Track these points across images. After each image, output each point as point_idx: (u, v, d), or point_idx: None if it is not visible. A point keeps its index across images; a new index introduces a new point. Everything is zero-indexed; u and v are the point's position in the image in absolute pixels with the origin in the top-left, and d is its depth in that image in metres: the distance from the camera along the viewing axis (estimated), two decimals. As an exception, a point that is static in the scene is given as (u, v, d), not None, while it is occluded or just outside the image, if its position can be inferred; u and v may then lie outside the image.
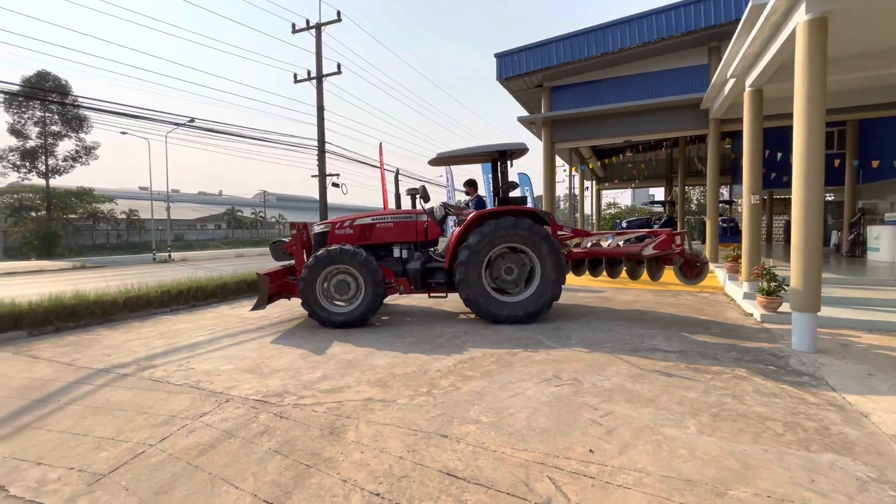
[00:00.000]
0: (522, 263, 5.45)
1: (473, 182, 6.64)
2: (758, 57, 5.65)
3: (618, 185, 21.78)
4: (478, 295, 5.36)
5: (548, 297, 5.38)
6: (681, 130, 10.31)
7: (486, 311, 5.37)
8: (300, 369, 3.94)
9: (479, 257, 5.35)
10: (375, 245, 5.91)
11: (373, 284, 5.35)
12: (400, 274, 5.79)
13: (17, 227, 31.77)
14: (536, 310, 5.38)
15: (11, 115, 32.22)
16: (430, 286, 5.77)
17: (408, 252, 5.95)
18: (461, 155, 6.08)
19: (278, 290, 5.84)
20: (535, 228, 5.38)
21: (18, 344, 5.06)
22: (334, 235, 5.86)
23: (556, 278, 5.38)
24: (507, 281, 5.46)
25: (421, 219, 5.96)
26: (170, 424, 2.99)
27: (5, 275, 16.82)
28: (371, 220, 5.95)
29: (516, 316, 5.36)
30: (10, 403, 3.49)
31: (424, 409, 3.02)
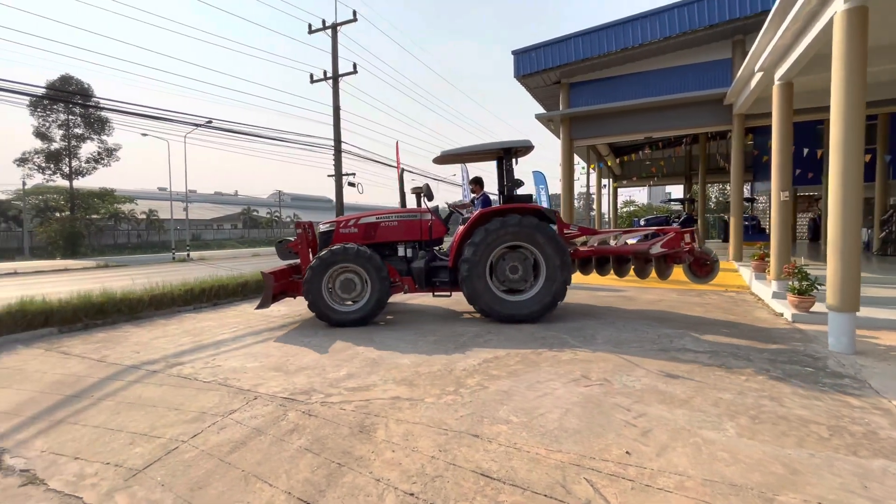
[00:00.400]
0: (527, 262, 5.40)
1: (480, 180, 6.57)
2: (789, 49, 5.49)
3: (636, 183, 21.45)
4: (482, 294, 5.31)
5: (553, 295, 5.31)
6: (703, 126, 10.09)
7: (491, 309, 5.32)
8: (325, 367, 3.94)
9: (484, 256, 5.31)
10: (380, 244, 5.90)
11: (379, 283, 5.35)
12: (404, 273, 5.76)
13: (42, 228, 32.68)
14: (541, 308, 5.32)
15: (37, 119, 33.15)
16: (434, 285, 5.74)
17: (412, 251, 5.94)
18: (466, 153, 6.05)
19: (283, 288, 5.84)
20: (540, 226, 5.32)
21: (50, 340, 5.17)
22: (339, 234, 5.86)
23: (562, 277, 5.32)
24: (511, 279, 5.40)
25: (425, 217, 5.94)
26: (200, 421, 3.01)
27: (34, 273, 17.31)
28: (375, 219, 5.92)
29: (521, 315, 5.30)
30: (46, 399, 3.56)
31: (453, 409, 2.99)
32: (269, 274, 5.44)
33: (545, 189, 22.85)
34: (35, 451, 2.85)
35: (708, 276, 5.79)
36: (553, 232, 5.37)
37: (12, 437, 3.03)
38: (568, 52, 10.35)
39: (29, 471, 2.63)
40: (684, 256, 5.69)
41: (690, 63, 9.92)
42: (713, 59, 9.64)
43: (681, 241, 5.65)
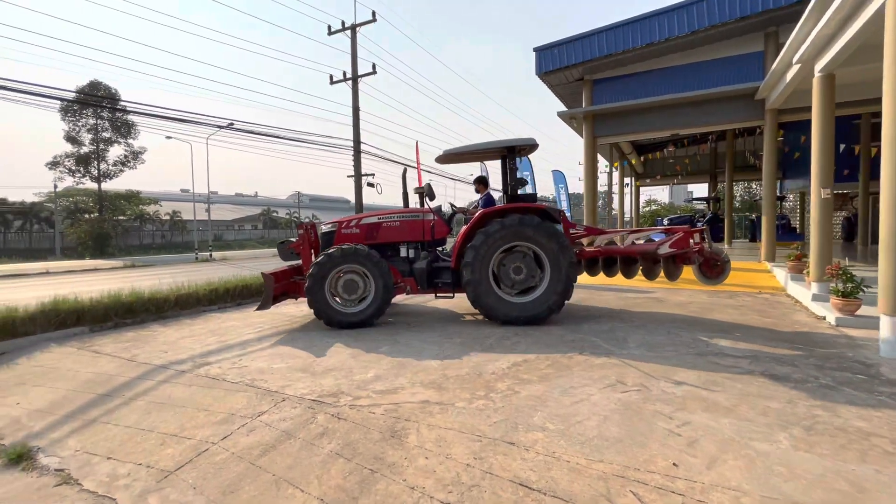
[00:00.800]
0: (532, 263, 5.27)
1: (484, 179, 6.43)
2: (832, 39, 5.22)
3: (659, 182, 20.96)
4: (485, 296, 5.21)
5: (558, 296, 5.18)
6: (732, 123, 9.77)
7: (495, 312, 5.22)
8: (352, 369, 3.90)
9: (486, 257, 5.20)
10: (382, 244, 5.82)
11: (383, 284, 5.27)
12: (406, 274, 5.68)
13: (72, 229, 33.79)
14: (547, 310, 5.20)
15: (67, 123, 34.31)
16: (436, 286, 5.65)
17: (414, 251, 5.84)
18: (468, 152, 5.92)
19: (284, 289, 5.79)
20: (543, 226, 5.18)
21: (82, 339, 5.27)
22: (341, 235, 5.80)
23: (567, 277, 5.18)
24: (515, 281, 5.28)
25: (427, 218, 5.85)
26: (230, 423, 2.98)
27: (65, 273, 17.86)
28: (377, 220, 5.85)
29: (526, 316, 5.18)
30: (79, 398, 3.60)
31: (485, 414, 2.90)
32: (270, 275, 5.38)
33: (565, 188, 22.55)
34: (69, 450, 2.86)
35: (719, 277, 5.61)
36: (556, 231, 5.24)
37: (47, 436, 3.06)
38: (591, 48, 10.14)
39: (63, 470, 2.64)
40: (693, 257, 5.52)
41: (719, 57, 9.60)
42: (743, 52, 9.31)
43: (689, 241, 5.49)
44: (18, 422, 3.31)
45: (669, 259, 5.54)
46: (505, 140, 5.71)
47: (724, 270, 5.56)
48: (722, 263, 5.55)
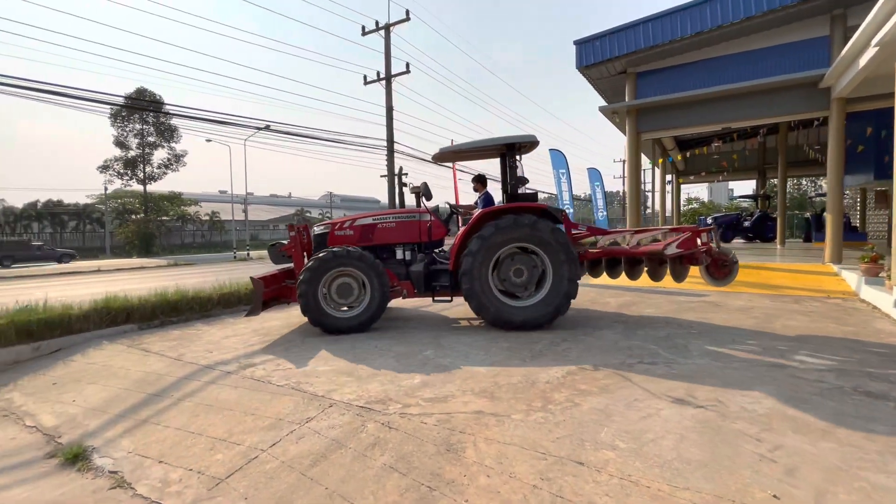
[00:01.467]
0: (533, 265, 5.03)
1: (482, 178, 6.14)
2: (921, 17, 4.69)
3: (704, 179, 19.98)
4: (487, 303, 4.99)
5: (562, 298, 4.95)
6: (792, 114, 9.11)
7: (499, 319, 4.99)
8: (397, 374, 3.76)
9: (485, 263, 4.96)
10: (377, 246, 5.61)
11: (379, 288, 5.08)
12: (403, 277, 5.48)
13: (121, 229, 35.59)
14: (553, 311, 4.97)
15: (116, 129, 36.16)
16: (434, 289, 5.43)
17: (411, 253, 5.63)
18: (466, 150, 5.67)
19: (275, 294, 5.58)
20: (541, 225, 4.92)
21: (131, 337, 5.38)
22: (334, 237, 5.60)
23: (570, 278, 4.92)
24: (517, 283, 5.04)
25: (424, 218, 5.63)
26: (277, 429, 2.90)
27: (115, 271, 18.74)
28: (372, 221, 5.66)
29: (533, 321, 4.96)
30: (131, 396, 3.62)
31: (546, 428, 2.69)
32: (259, 279, 5.17)
33: (601, 186, 21.87)
34: (122, 451, 2.85)
35: (726, 279, 5.34)
36: (555, 230, 4.98)
37: (101, 435, 3.07)
38: (636, 39, 9.68)
39: (117, 472, 2.61)
40: (701, 257, 5.23)
41: (776, 44, 8.95)
42: (805, 37, 8.64)
43: (697, 241, 5.21)
44: (74, 420, 3.35)
45: (676, 259, 5.27)
46: (504, 137, 5.48)
47: (732, 271, 5.31)
48: (730, 264, 5.30)
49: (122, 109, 35.01)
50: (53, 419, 3.39)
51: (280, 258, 5.83)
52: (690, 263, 5.35)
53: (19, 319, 4.84)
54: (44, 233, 40.46)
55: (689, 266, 5.39)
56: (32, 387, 4.08)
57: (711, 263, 5.35)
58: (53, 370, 4.45)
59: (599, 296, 7.28)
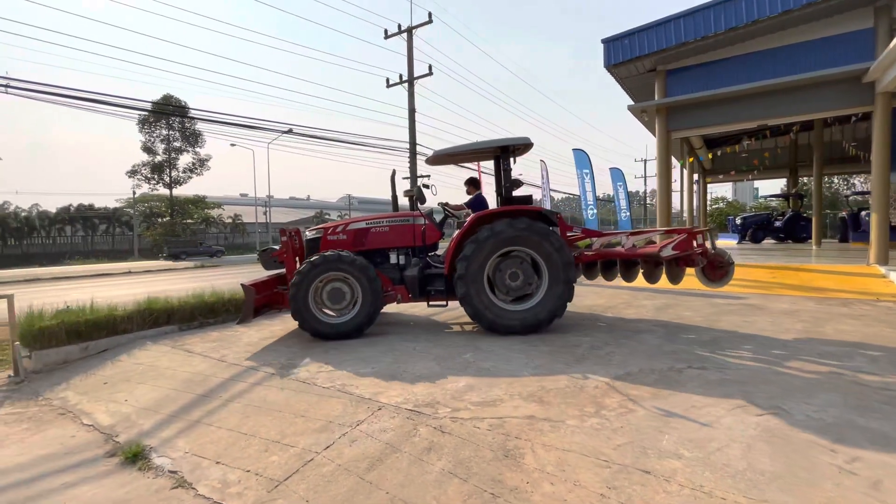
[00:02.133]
0: (528, 267, 4.96)
1: (475, 180, 6.04)
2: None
3: (733, 178, 19.46)
4: (483, 309, 4.92)
5: (558, 300, 4.89)
6: (833, 110, 8.80)
7: (496, 324, 4.91)
8: (441, 377, 3.74)
9: (480, 267, 4.90)
10: (371, 251, 5.53)
11: (371, 293, 4.97)
12: (397, 281, 5.39)
13: (149, 232, 36.63)
14: (548, 316, 4.91)
15: (144, 135, 37.27)
16: (428, 294, 5.34)
17: (405, 258, 5.55)
18: (460, 152, 5.59)
19: (267, 300, 5.48)
20: (535, 228, 4.88)
21: (173, 338, 5.49)
22: (327, 241, 5.52)
23: (566, 280, 4.86)
24: (512, 287, 4.97)
25: (419, 222, 5.55)
26: (329, 431, 2.90)
27: (144, 273, 19.28)
28: (366, 225, 5.58)
29: (528, 325, 4.89)
30: (180, 397, 3.68)
31: (604, 435, 2.62)
32: (250, 286, 5.03)
33: (623, 186, 21.50)
34: (179, 451, 2.89)
35: (722, 280, 5.30)
36: (549, 232, 4.93)
37: (157, 435, 3.13)
38: (666, 36, 9.48)
39: (177, 472, 2.65)
40: (697, 259, 5.20)
41: (815, 38, 8.66)
42: (847, 31, 8.32)
43: (693, 243, 5.14)
44: (129, 419, 3.42)
45: (672, 261, 5.22)
46: (498, 139, 5.43)
47: (728, 273, 5.27)
48: (726, 265, 5.23)
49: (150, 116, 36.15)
50: (109, 418, 3.47)
51: (272, 264, 5.72)
52: (686, 265, 5.33)
53: (69, 320, 4.99)
54: (76, 236, 41.86)
55: (685, 268, 5.37)
56: (85, 386, 4.20)
57: (707, 265, 5.32)
58: (103, 370, 4.57)
59: (634, 298, 7.14)
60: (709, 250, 5.30)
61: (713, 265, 5.29)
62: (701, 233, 5.38)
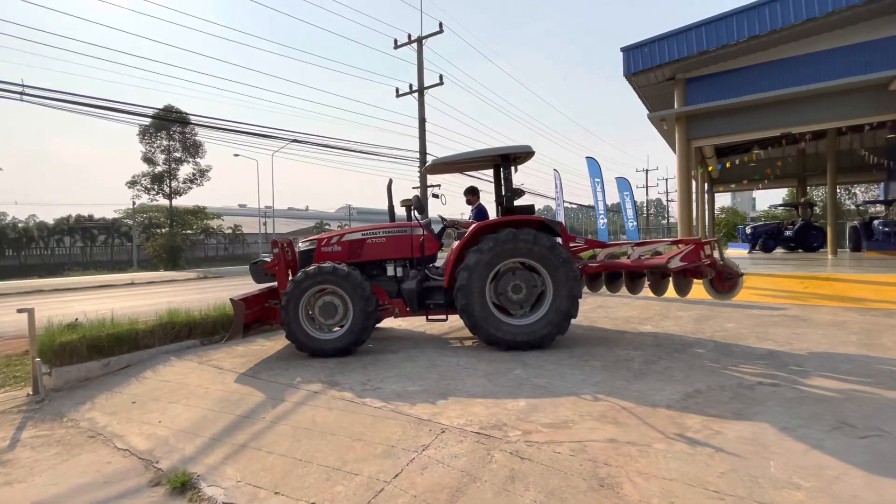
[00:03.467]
0: (532, 282, 4.79)
1: (475, 189, 5.86)
2: None
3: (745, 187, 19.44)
4: (484, 321, 4.70)
5: (563, 315, 4.72)
6: (858, 117, 8.70)
7: (497, 338, 4.70)
8: (496, 395, 3.51)
9: (481, 279, 4.72)
10: (367, 263, 5.31)
11: (362, 306, 4.69)
12: (394, 295, 5.15)
13: (149, 243, 36.30)
14: (554, 330, 4.72)
15: (144, 146, 37.18)
16: (427, 308, 5.12)
17: (402, 270, 5.31)
18: (459, 161, 5.44)
19: (258, 315, 5.21)
20: (541, 240, 4.70)
21: (197, 353, 5.24)
22: (320, 253, 5.28)
23: (571, 294, 4.69)
24: (514, 301, 4.79)
25: (416, 232, 5.35)
26: (393, 457, 2.67)
27: (147, 284, 18.95)
28: (361, 236, 5.35)
29: (531, 340, 4.69)
30: (219, 418, 3.44)
31: (700, 461, 2.41)
32: (240, 301, 4.76)
33: (630, 196, 21.42)
34: (230, 479, 2.65)
35: (731, 292, 5.16)
36: (555, 244, 4.75)
37: (201, 461, 2.89)
38: (687, 44, 9.42)
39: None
40: (706, 270, 5.03)
41: (838, 46, 8.60)
42: (872, 38, 8.27)
43: (701, 254, 4.95)
44: (167, 443, 3.18)
45: (680, 273, 5.07)
46: (499, 148, 5.24)
47: (737, 285, 5.14)
48: (735, 277, 5.10)
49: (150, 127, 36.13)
50: (144, 441, 3.23)
51: (263, 276, 5.43)
52: (694, 277, 5.18)
53: (90, 335, 4.74)
54: (75, 247, 41.50)
55: (693, 280, 5.22)
56: (112, 406, 3.95)
57: (716, 277, 5.18)
58: (128, 388, 4.32)
59: (667, 309, 6.94)
60: (717, 261, 5.13)
61: (721, 277, 5.16)
62: (709, 243, 5.19)
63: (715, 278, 5.17)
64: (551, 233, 5.02)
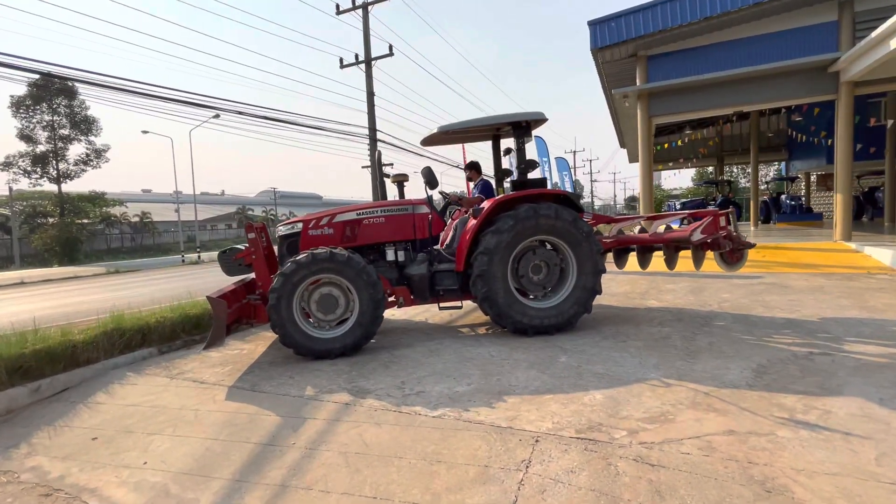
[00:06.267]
0: (553, 261, 4.52)
1: (476, 165, 5.61)
2: None
3: (680, 165, 20.81)
4: (508, 309, 4.33)
5: (589, 293, 4.51)
6: (801, 97, 9.45)
7: (524, 324, 4.35)
8: (562, 388, 3.12)
9: (503, 261, 4.33)
10: (363, 247, 4.69)
11: (370, 298, 4.07)
12: (396, 282, 4.65)
13: (38, 234, 31.01)
14: (579, 310, 4.49)
15: (20, 120, 31.42)
16: (438, 294, 4.64)
17: (405, 253, 4.74)
18: (466, 128, 4.91)
19: (237, 314, 4.37)
20: (563, 213, 4.37)
21: (159, 364, 4.25)
22: (307, 237, 4.57)
23: (596, 270, 4.49)
24: (536, 282, 4.49)
25: (420, 211, 4.80)
26: (496, 482, 2.17)
27: (43, 283, 16.04)
28: (356, 216, 4.70)
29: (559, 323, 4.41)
30: (231, 450, 2.67)
31: (844, 447, 2.20)
32: (220, 298, 3.89)
33: (569, 175, 22.09)
34: (287, 539, 1.98)
35: (738, 263, 5.25)
36: (577, 219, 4.48)
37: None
38: (652, 20, 9.53)
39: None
40: (724, 243, 4.99)
41: (786, 29, 9.19)
42: (814, 22, 8.93)
43: (718, 226, 5.01)
44: (168, 493, 2.37)
45: (697, 246, 5.07)
46: (509, 114, 4.77)
47: (743, 256, 5.21)
48: (744, 248, 5.16)
49: (26, 97, 30.56)
50: (134, 495, 2.38)
51: (235, 268, 4.69)
52: (711, 249, 5.10)
53: (8, 353, 3.59)
54: (-69, 242, 34.39)
55: (705, 252, 5.18)
56: (63, 446, 2.96)
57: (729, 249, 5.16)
58: (78, 419, 3.30)
59: (655, 283, 7.02)
60: (732, 233, 5.14)
61: (733, 248, 5.13)
62: (724, 215, 5.25)
63: (728, 250, 5.12)
64: (570, 206, 4.68)
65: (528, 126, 4.85)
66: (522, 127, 4.80)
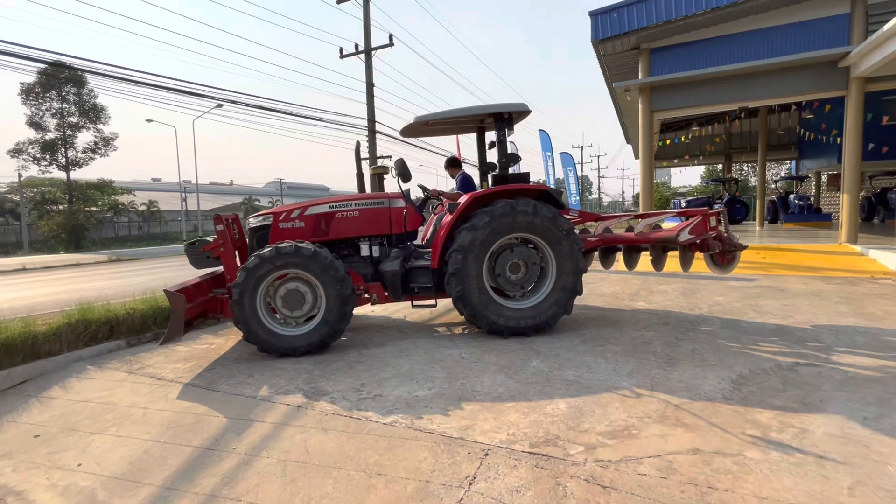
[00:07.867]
0: (532, 259, 4.34)
1: (455, 160, 5.40)
2: None
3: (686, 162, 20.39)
4: (483, 308, 4.16)
5: (568, 294, 4.32)
6: (810, 92, 9.07)
7: (499, 325, 4.18)
8: (526, 395, 2.96)
9: (478, 258, 4.16)
10: (336, 241, 4.55)
11: (338, 295, 3.91)
12: (370, 278, 4.48)
13: (44, 221, 31.35)
14: (559, 310, 4.31)
15: (29, 108, 31.63)
16: (412, 292, 4.46)
17: (380, 249, 4.57)
18: (446, 118, 4.70)
19: (201, 309, 4.25)
20: (542, 211, 4.19)
21: (123, 358, 4.15)
22: (277, 230, 4.41)
23: (577, 270, 4.31)
24: (514, 281, 4.33)
25: (396, 205, 4.62)
26: (434, 498, 2.02)
27: (44, 269, 16.17)
28: (329, 209, 4.53)
29: (536, 324, 4.22)
30: (170, 452, 2.55)
31: (816, 473, 2.01)
32: (178, 293, 3.78)
33: (574, 171, 21.76)
34: (202, 556, 1.85)
35: (729, 266, 5.01)
36: (557, 216, 4.27)
37: (154, 528, 2.03)
38: (649, 13, 9.20)
39: None
40: (713, 244, 4.74)
41: (795, 21, 8.83)
42: (824, 15, 8.56)
43: (707, 226, 4.77)
44: (94, 499, 2.25)
45: (685, 247, 4.83)
46: (491, 105, 4.62)
47: (735, 258, 4.98)
48: (735, 250, 4.93)
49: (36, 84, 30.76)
50: (59, 500, 2.27)
51: (202, 260, 4.51)
52: (700, 250, 4.87)
53: (-37, 344, 3.50)
54: (-57, 227, 34.91)
55: (695, 253, 4.96)
56: (2, 443, 2.86)
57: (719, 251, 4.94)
58: (26, 414, 3.21)
59: (647, 284, 6.79)
60: (722, 234, 4.91)
61: (723, 250, 4.91)
62: (715, 215, 5.01)
63: (718, 252, 4.91)
64: (551, 202, 4.48)
65: (510, 118, 4.64)
66: (504, 119, 4.60)
